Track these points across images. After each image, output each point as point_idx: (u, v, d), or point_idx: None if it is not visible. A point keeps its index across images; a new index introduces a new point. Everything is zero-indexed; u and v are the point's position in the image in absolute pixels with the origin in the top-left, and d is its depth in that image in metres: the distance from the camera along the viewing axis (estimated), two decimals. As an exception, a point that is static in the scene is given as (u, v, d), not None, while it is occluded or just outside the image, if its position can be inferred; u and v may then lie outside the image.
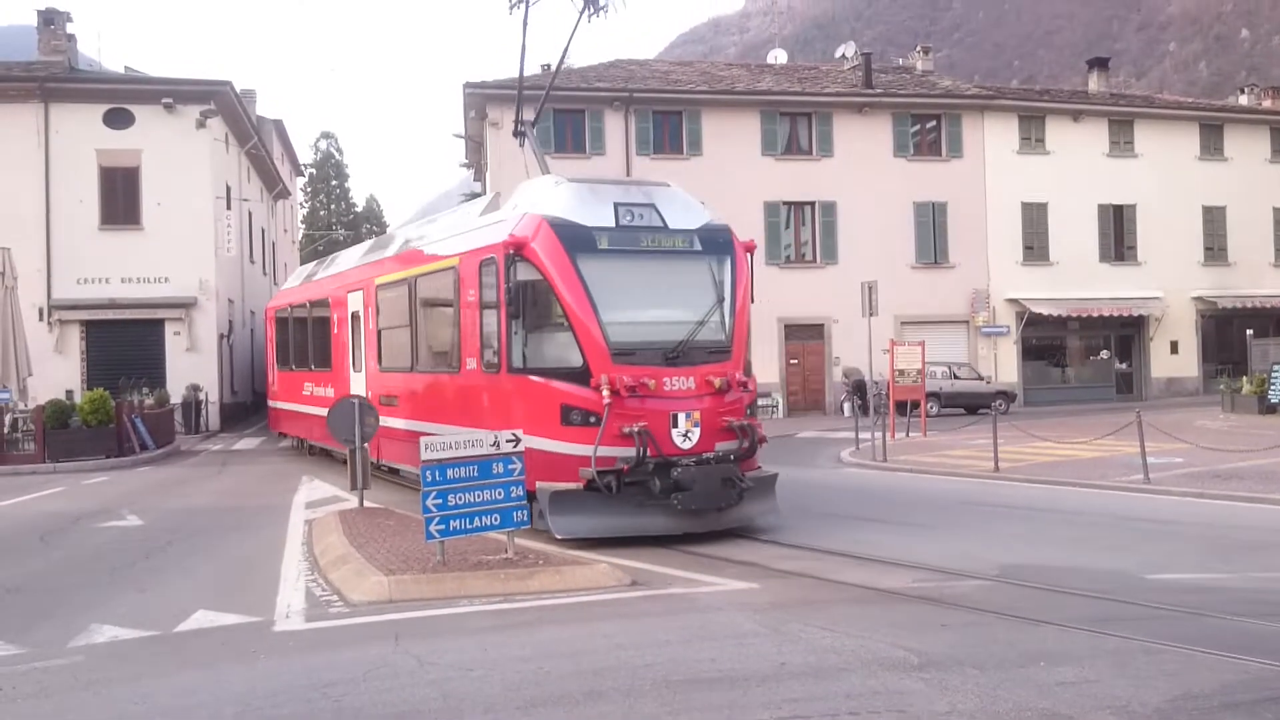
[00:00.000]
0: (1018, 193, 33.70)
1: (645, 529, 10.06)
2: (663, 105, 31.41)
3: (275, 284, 37.77)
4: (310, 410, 19.64)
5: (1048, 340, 35.09)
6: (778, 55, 40.78)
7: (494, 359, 11.00)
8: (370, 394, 15.22)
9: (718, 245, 11.20)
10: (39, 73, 28.36)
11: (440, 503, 8.31)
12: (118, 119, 27.94)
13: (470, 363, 11.75)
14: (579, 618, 7.23)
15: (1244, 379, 26.50)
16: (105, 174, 27.81)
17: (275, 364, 23.62)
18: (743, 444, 10.52)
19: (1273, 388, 24.47)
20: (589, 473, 9.87)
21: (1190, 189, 35.47)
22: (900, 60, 42.16)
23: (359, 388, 16.19)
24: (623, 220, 10.78)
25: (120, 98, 28.32)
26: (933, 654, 6.03)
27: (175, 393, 26.67)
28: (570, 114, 30.78)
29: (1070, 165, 34.15)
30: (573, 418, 10.06)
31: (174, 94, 28.33)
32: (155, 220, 27.84)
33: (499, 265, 10.66)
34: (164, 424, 23.46)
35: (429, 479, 8.29)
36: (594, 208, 10.78)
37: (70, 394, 24.33)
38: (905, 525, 11.45)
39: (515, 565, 8.47)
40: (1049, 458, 17.02)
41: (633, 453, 9.89)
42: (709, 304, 10.90)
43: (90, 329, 27.70)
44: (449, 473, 8.36)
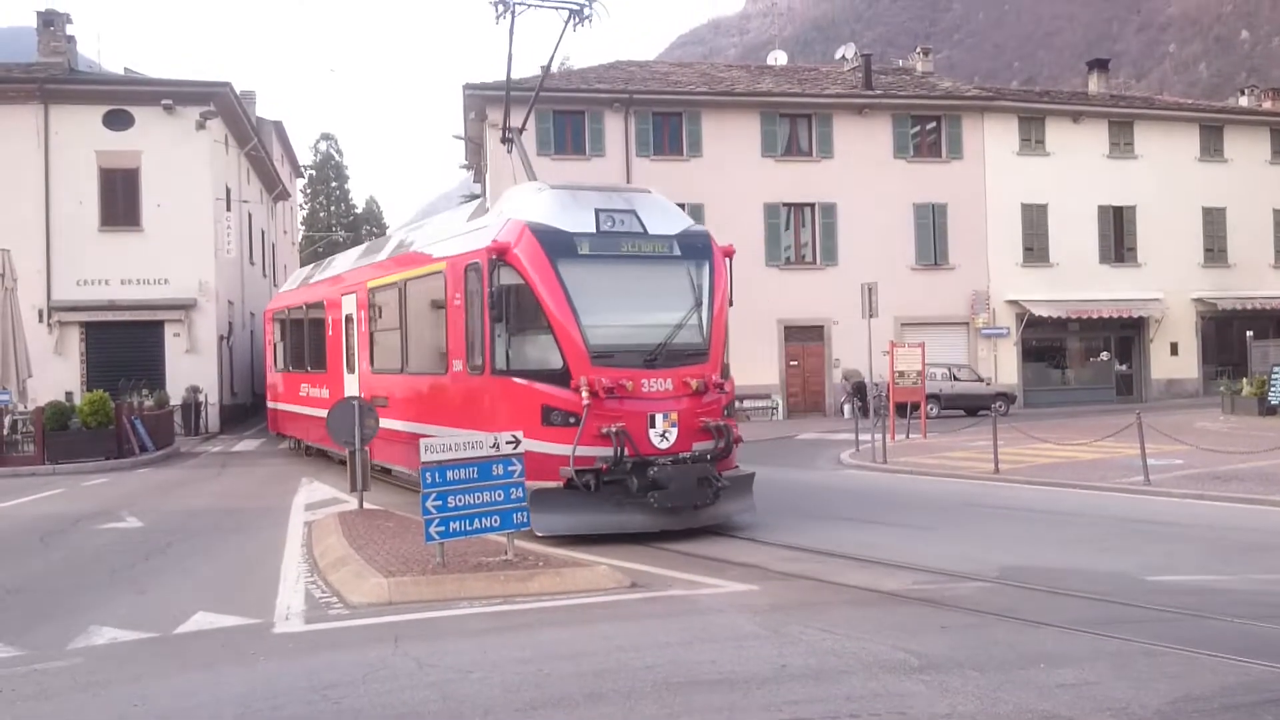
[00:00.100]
0: (1018, 194, 33.70)
1: (624, 526, 10.33)
2: (663, 106, 31.41)
3: (275, 285, 37.77)
4: (307, 411, 19.97)
5: (1048, 342, 35.08)
6: (777, 56, 40.81)
7: (479, 361, 11.29)
8: (363, 395, 15.37)
9: (696, 250, 11.46)
10: (39, 74, 28.37)
11: (440, 504, 8.31)
12: (117, 120, 27.94)
13: (457, 364, 12.04)
14: (579, 620, 7.23)
15: (1244, 380, 26.49)
16: (105, 175, 27.82)
17: (273, 365, 23.93)
18: (719, 444, 10.80)
19: (1273, 389, 24.46)
20: (568, 471, 10.13)
21: (1190, 190, 35.46)
22: (900, 61, 42.16)
23: (353, 389, 16.42)
24: (603, 226, 11.06)
25: (120, 99, 28.33)
26: (933, 656, 6.02)
27: (175, 394, 26.68)
28: (570, 115, 30.78)
29: (1070, 166, 34.15)
30: (553, 418, 10.34)
31: (174, 95, 28.34)
32: (155, 222, 27.84)
33: (483, 270, 10.96)
34: (163, 426, 23.45)
35: (429, 481, 8.29)
36: (575, 214, 11.05)
37: (70, 395, 24.33)
38: (905, 527, 11.44)
39: (515, 567, 8.47)
40: (1049, 459, 17.01)
41: (611, 452, 10.19)
42: (687, 308, 11.17)
43: (90, 330, 27.70)
44: (449, 474, 8.36)
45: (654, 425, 10.44)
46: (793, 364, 31.85)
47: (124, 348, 27.58)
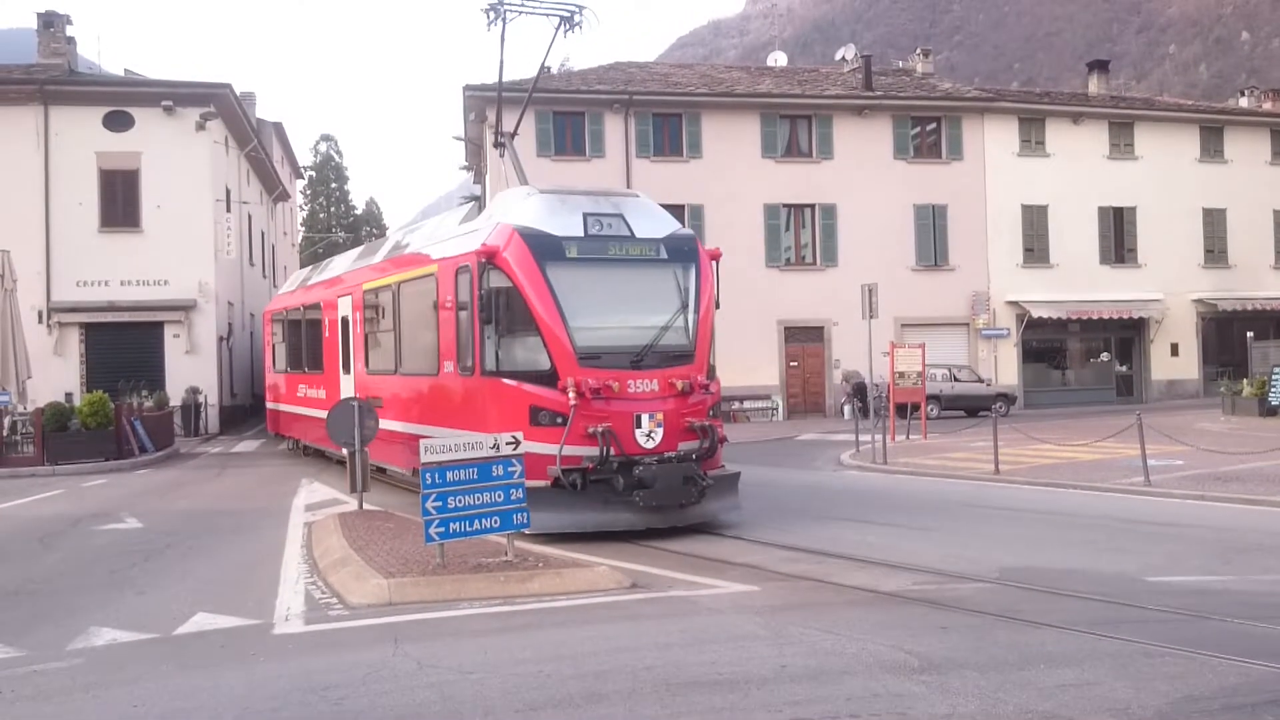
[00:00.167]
0: (1018, 195, 33.70)
1: (610, 524, 10.49)
2: (663, 108, 31.41)
3: (275, 286, 37.77)
4: (304, 411, 20.23)
5: (1048, 343, 35.08)
6: (777, 58, 40.83)
7: (469, 362, 11.50)
8: (359, 396, 15.49)
9: (683, 253, 11.64)
10: (39, 75, 28.39)
11: (440, 505, 8.30)
12: (117, 121, 27.94)
13: (448, 366, 12.26)
14: (579, 620, 7.22)
15: (1244, 381, 26.50)
16: (105, 176, 27.82)
17: (272, 366, 24.15)
18: (704, 444, 10.97)
19: (1273, 390, 24.47)
20: (555, 471, 10.28)
21: (1190, 191, 35.47)
22: (900, 63, 42.14)
23: (349, 390, 16.64)
24: (591, 230, 11.24)
25: (120, 100, 28.32)
26: (933, 657, 6.02)
27: (174, 395, 26.66)
28: (570, 116, 30.78)
29: (1070, 167, 34.15)
30: (541, 418, 10.51)
31: (173, 96, 28.34)
32: (155, 223, 27.84)
33: (473, 273, 11.16)
34: (163, 427, 23.44)
35: (429, 482, 8.29)
36: (563, 218, 11.23)
37: (69, 396, 24.35)
38: (905, 528, 11.44)
39: (515, 568, 8.46)
40: (1049, 460, 17.01)
41: (597, 452, 10.37)
42: (673, 310, 11.36)
43: (90, 331, 27.69)
44: (449, 475, 8.35)
45: (640, 425, 10.62)
46: (793, 365, 31.85)
47: (124, 349, 27.59)
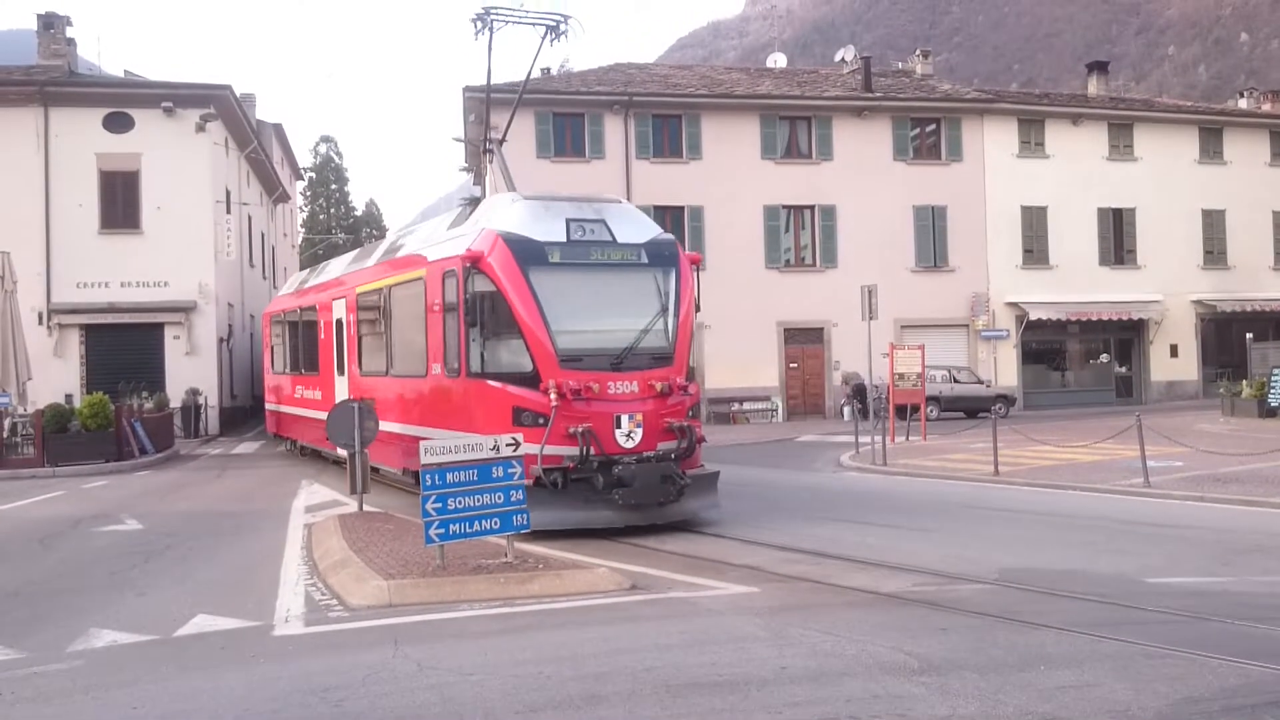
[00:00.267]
0: (1017, 196, 33.71)
1: (590, 522, 10.74)
2: (662, 109, 31.42)
3: (275, 288, 37.79)
4: (301, 412, 20.54)
5: (1047, 344, 35.09)
6: (777, 59, 40.84)
7: (455, 364, 11.79)
8: (351, 397, 15.90)
9: (663, 258, 11.92)
10: (39, 77, 28.39)
11: (440, 507, 8.30)
12: (117, 123, 27.95)
13: (436, 368, 12.55)
14: (579, 621, 7.22)
15: (1244, 382, 26.49)
16: (105, 178, 27.82)
17: (271, 368, 24.36)
18: (681, 444, 11.25)
19: (1272, 391, 24.47)
20: (537, 470, 10.44)
21: (1189, 192, 35.48)
22: (900, 64, 42.16)
23: (343, 391, 16.91)
24: (573, 235, 11.54)
25: (120, 102, 28.33)
26: (933, 658, 6.02)
27: (174, 397, 26.65)
28: (570, 118, 30.80)
29: (1070, 169, 34.17)
30: (523, 419, 10.76)
31: (173, 98, 28.35)
32: (155, 224, 27.85)
33: (459, 277, 11.43)
34: (163, 428, 23.44)
35: (429, 483, 8.29)
36: (547, 223, 11.54)
37: (69, 398, 24.36)
38: (905, 529, 11.44)
39: (515, 569, 8.46)
40: (1049, 461, 17.01)
41: (578, 451, 10.66)
42: (653, 313, 11.65)
43: (90, 333, 27.69)
44: (448, 477, 8.35)
45: (619, 426, 10.89)
46: (792, 366, 31.85)
47: (124, 350, 27.58)
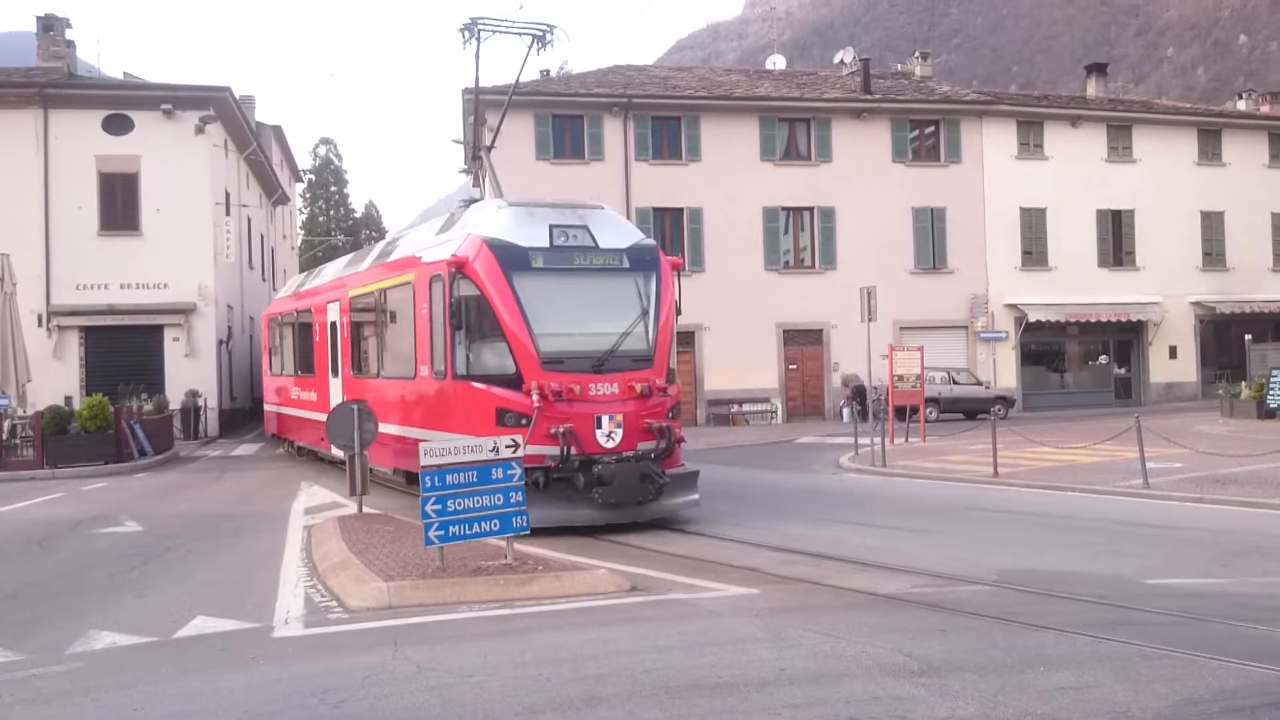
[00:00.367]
0: (1016, 198, 33.74)
1: (572, 520, 11.02)
2: (662, 111, 31.43)
3: (274, 290, 37.79)
4: (298, 414, 20.80)
5: (1047, 345, 35.11)
6: (776, 61, 40.90)
7: (441, 366, 12.13)
8: (345, 398, 16.14)
9: (645, 263, 12.22)
10: (38, 79, 28.38)
11: (439, 508, 8.29)
12: (117, 125, 27.95)
13: (423, 370, 12.86)
14: (579, 623, 7.23)
15: (1243, 384, 26.51)
16: (104, 180, 27.81)
17: (268, 370, 24.54)
18: (661, 444, 11.53)
19: (1271, 393, 24.48)
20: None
21: (1188, 194, 35.52)
22: (899, 66, 42.19)
23: (337, 392, 17.14)
24: (557, 240, 11.84)
25: (119, 104, 28.32)
26: (933, 659, 6.02)
27: (174, 399, 26.65)
28: (569, 119, 30.81)
29: (1069, 170, 34.19)
30: (506, 419, 11.06)
31: (173, 100, 28.35)
32: (154, 226, 27.85)
33: (445, 282, 11.71)
34: (163, 430, 23.44)
35: (428, 485, 8.28)
36: (531, 229, 11.84)
37: (69, 400, 24.36)
38: (904, 530, 11.45)
39: (514, 571, 8.47)
40: (1048, 463, 17.02)
41: (559, 451, 10.95)
42: (634, 317, 11.91)
43: (89, 335, 27.68)
44: (448, 478, 8.35)
45: (600, 426, 11.16)
46: (792, 368, 31.86)
47: (123, 352, 27.57)
